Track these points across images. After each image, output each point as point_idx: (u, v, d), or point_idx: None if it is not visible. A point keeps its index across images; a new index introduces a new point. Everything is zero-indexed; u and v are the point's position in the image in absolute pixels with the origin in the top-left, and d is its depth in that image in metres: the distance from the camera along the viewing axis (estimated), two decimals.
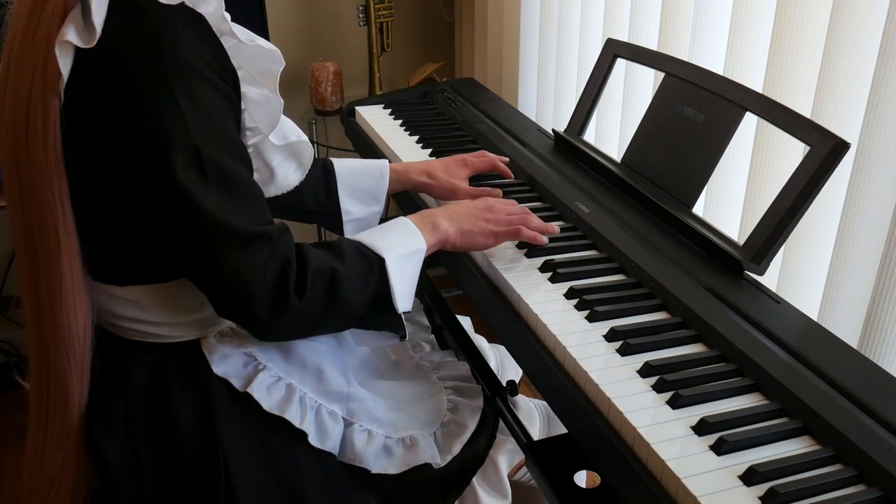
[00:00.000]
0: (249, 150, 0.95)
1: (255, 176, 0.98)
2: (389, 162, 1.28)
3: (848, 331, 1.12)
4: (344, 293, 0.88)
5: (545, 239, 1.10)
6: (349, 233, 1.26)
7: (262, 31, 2.10)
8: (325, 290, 0.87)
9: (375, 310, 0.94)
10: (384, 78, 2.38)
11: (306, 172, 1.11)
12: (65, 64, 0.83)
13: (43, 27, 0.83)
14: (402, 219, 1.02)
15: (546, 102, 1.97)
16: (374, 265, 0.92)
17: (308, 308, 0.86)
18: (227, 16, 0.90)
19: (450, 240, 1.04)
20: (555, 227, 1.12)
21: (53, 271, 0.89)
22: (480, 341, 1.32)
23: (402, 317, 0.97)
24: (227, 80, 0.89)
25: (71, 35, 0.82)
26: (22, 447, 0.98)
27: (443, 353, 1.24)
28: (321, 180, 1.24)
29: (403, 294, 0.95)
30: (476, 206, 1.09)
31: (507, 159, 1.34)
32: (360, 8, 2.24)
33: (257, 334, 0.89)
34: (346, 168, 1.26)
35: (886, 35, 1.00)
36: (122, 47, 0.82)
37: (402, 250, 0.96)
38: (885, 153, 1.02)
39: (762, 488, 0.72)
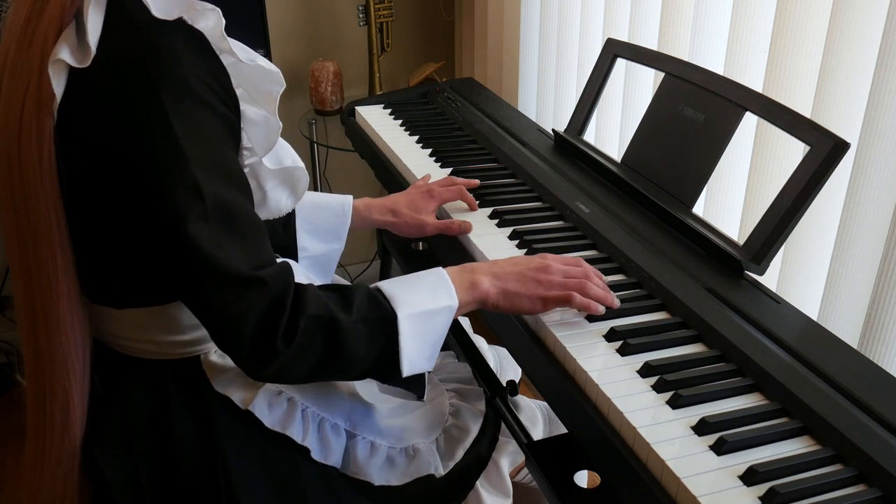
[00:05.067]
0: (245, 171, 0.91)
1: None
2: (354, 197, 1.22)
3: (848, 331, 1.12)
4: (345, 344, 0.82)
5: (601, 308, 0.95)
6: (304, 268, 1.21)
7: (263, 31, 2.10)
8: (321, 338, 0.80)
9: (382, 367, 0.87)
10: (384, 78, 2.38)
11: (300, 200, 1.04)
12: (58, 83, 0.79)
13: (37, 42, 0.80)
14: (438, 270, 0.93)
15: (546, 102, 1.97)
16: (384, 319, 0.84)
17: (299, 355, 0.80)
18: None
19: (490, 300, 0.93)
20: (615, 300, 0.97)
21: (49, 291, 0.86)
22: (480, 342, 1.32)
23: (426, 377, 0.90)
24: (226, 102, 0.84)
25: (64, 54, 0.78)
26: (22, 447, 0.96)
27: (443, 354, 1.24)
28: None
29: (416, 356, 0.87)
30: (530, 264, 0.96)
31: (476, 182, 1.29)
32: (360, 8, 2.24)
33: (247, 373, 0.82)
34: (307, 202, 1.20)
35: (886, 35, 1.00)
36: (116, 67, 0.78)
37: (424, 307, 0.87)
38: (885, 153, 1.03)
39: (762, 488, 0.72)
